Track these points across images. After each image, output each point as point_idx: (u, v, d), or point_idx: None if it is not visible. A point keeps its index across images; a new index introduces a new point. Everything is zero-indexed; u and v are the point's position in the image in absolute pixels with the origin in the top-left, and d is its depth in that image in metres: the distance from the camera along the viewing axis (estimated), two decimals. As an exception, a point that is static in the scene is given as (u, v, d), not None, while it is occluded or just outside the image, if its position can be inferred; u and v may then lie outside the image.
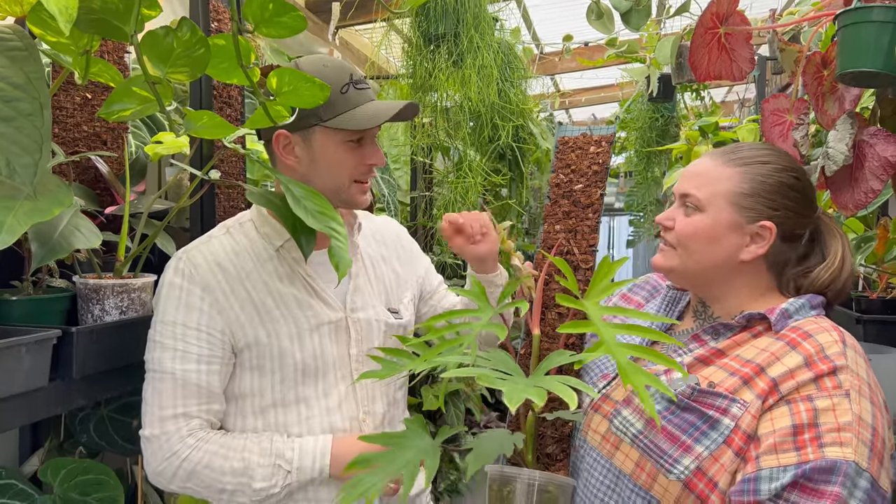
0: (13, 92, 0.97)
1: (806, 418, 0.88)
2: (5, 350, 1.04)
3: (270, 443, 1.19)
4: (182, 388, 1.16)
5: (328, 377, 1.25)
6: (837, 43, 1.28)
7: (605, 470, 1.04)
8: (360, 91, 1.22)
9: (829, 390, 0.89)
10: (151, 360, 1.18)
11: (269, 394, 1.22)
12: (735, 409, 0.93)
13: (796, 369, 0.92)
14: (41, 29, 1.03)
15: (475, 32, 2.15)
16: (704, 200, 1.05)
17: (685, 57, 2.90)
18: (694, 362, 1.01)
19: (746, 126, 2.62)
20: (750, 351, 0.98)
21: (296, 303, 1.23)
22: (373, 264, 1.38)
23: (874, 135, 1.33)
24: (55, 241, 1.05)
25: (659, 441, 0.96)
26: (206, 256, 1.21)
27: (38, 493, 1.44)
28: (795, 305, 1.01)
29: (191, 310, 1.17)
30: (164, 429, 1.16)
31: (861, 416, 0.87)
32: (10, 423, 1.10)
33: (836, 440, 0.86)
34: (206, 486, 1.17)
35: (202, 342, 1.18)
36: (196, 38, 1.01)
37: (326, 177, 1.22)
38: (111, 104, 1.05)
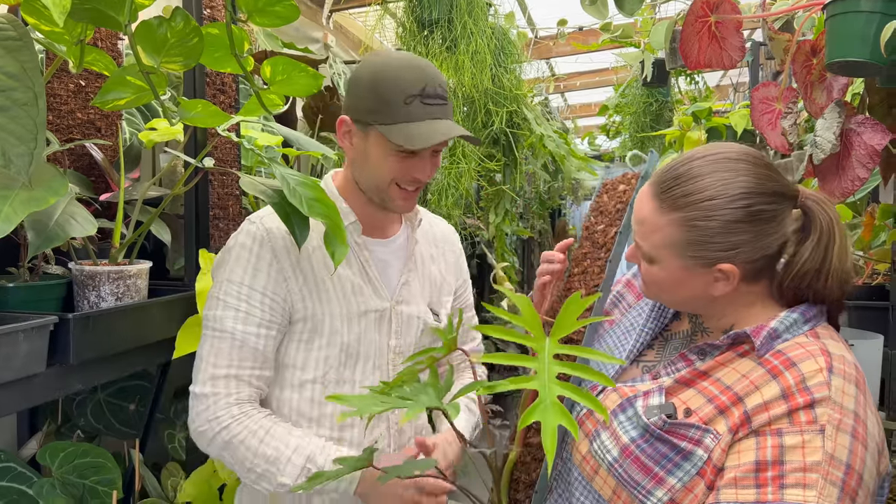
0: (8, 82, 0.97)
1: (771, 455, 0.83)
2: (3, 336, 1.05)
3: (308, 442, 1.19)
4: (239, 350, 1.18)
5: (368, 363, 1.27)
6: (826, 32, 1.29)
7: (587, 492, 1.01)
8: (426, 106, 1.17)
9: (802, 426, 0.84)
10: (213, 317, 1.19)
11: (312, 369, 1.24)
12: (708, 440, 0.89)
13: (772, 401, 0.86)
14: (35, 18, 1.04)
15: (468, 18, 2.15)
16: (652, 253, 0.97)
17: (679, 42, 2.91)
18: (674, 385, 0.95)
19: (739, 112, 2.63)
20: (731, 375, 0.92)
21: (350, 286, 1.25)
22: (423, 262, 1.39)
23: (861, 123, 1.34)
24: (51, 230, 1.06)
25: (633, 472, 0.92)
26: (279, 225, 1.23)
27: (36, 476, 1.46)
28: (786, 323, 0.92)
29: (258, 273, 1.19)
30: (214, 388, 1.17)
31: (834, 455, 0.81)
32: (8, 408, 1.11)
33: (800, 481, 0.81)
34: (237, 460, 1.18)
35: (265, 307, 1.20)
36: (189, 27, 1.01)
37: (371, 173, 1.23)
38: (106, 93, 1.06)
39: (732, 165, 0.94)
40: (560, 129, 3.82)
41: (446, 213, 2.86)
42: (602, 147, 6.08)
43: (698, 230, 0.92)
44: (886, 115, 1.46)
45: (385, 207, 1.27)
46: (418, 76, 1.18)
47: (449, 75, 2.26)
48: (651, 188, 0.98)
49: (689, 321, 1.08)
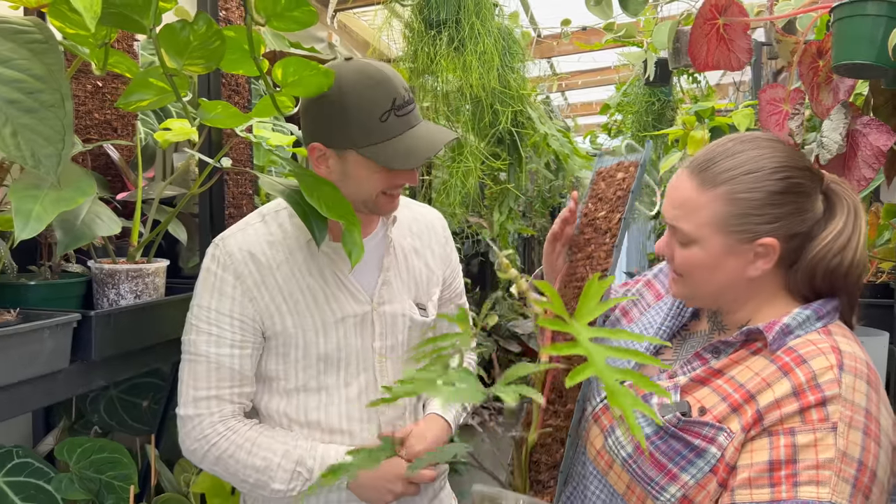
0: (35, 84, 1.00)
1: (784, 454, 0.85)
2: (29, 333, 1.07)
3: (295, 447, 1.23)
4: (216, 371, 1.21)
5: (350, 368, 1.28)
6: (832, 35, 1.31)
7: (601, 485, 1.03)
8: (400, 118, 1.18)
9: (815, 423, 0.85)
10: (188, 341, 1.23)
11: (293, 379, 1.26)
12: (721, 438, 0.90)
13: (783, 399, 0.88)
14: (60, 22, 1.06)
15: (476, 18, 2.17)
16: (693, 233, 0.97)
17: (682, 42, 2.93)
18: (689, 383, 0.97)
19: (742, 111, 2.65)
20: (745, 373, 0.94)
21: (322, 295, 1.26)
22: (405, 257, 1.39)
23: (867, 124, 1.37)
24: (78, 229, 1.08)
25: (647, 468, 0.94)
26: (240, 245, 1.24)
27: (53, 472, 1.48)
28: (798, 319, 0.94)
29: (223, 297, 1.22)
30: (197, 410, 1.21)
31: (846, 452, 0.83)
32: (34, 403, 1.14)
33: (814, 479, 0.82)
34: (230, 473, 1.22)
35: (235, 328, 1.22)
36: (212, 31, 1.03)
37: (356, 190, 1.22)
38: (129, 95, 1.08)
39: (766, 143, 0.99)
40: (562, 128, 3.85)
41: (451, 212, 2.88)
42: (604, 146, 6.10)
43: (742, 203, 0.94)
44: (891, 116, 1.48)
45: (372, 213, 1.29)
46: (386, 90, 1.16)
47: (456, 75, 2.29)
48: (688, 171, 1.00)
49: (707, 321, 1.10)
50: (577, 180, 6.97)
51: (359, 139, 1.16)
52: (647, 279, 1.29)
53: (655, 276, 1.28)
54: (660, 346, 1.10)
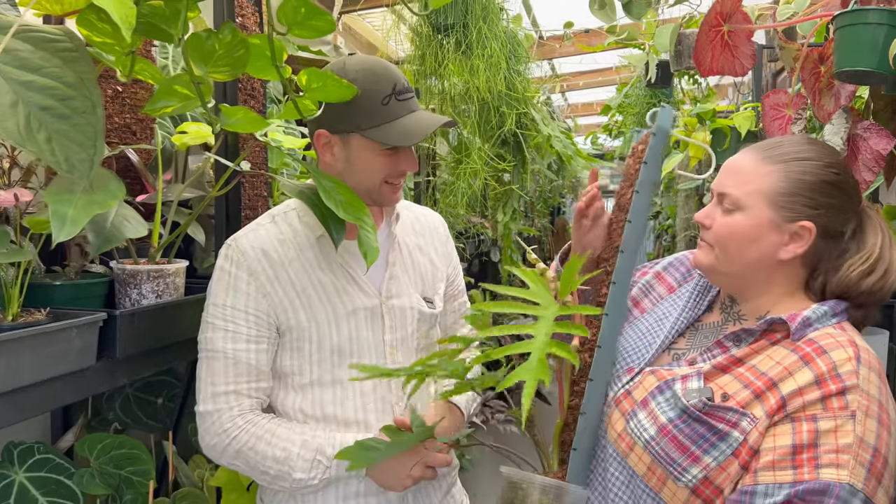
0: (68, 91, 1.03)
1: (807, 439, 0.90)
2: (59, 332, 1.11)
3: (313, 437, 1.26)
4: (233, 367, 1.25)
5: (363, 361, 1.32)
6: (834, 42, 1.35)
7: (621, 467, 1.06)
8: (401, 102, 1.26)
9: (835, 411, 0.90)
10: (204, 339, 1.27)
11: (308, 373, 1.30)
12: (745, 423, 0.95)
13: (806, 387, 0.93)
14: (89, 30, 1.09)
15: (483, 23, 2.21)
16: (743, 199, 1.04)
17: (684, 44, 2.97)
18: (712, 370, 1.02)
19: (743, 113, 2.69)
20: (766, 362, 0.99)
21: (333, 289, 1.31)
22: (410, 254, 1.44)
23: (867, 129, 1.41)
24: (109, 231, 1.12)
25: (669, 450, 0.98)
26: (252, 244, 1.29)
27: (73, 467, 1.52)
28: (818, 313, 1.00)
29: (238, 293, 1.26)
30: (216, 405, 1.25)
31: (863, 438, 0.89)
32: (63, 399, 1.17)
33: (834, 462, 0.88)
34: (251, 466, 1.26)
35: (250, 323, 1.26)
36: (237, 40, 1.07)
37: (360, 177, 1.29)
38: (155, 101, 1.12)
39: (828, 146, 1.11)
40: (564, 129, 3.89)
41: (455, 213, 2.92)
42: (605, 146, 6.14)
43: (795, 182, 1.03)
44: (890, 121, 1.52)
45: (377, 204, 1.35)
46: (387, 77, 1.26)
47: (463, 79, 2.33)
48: (753, 149, 1.09)
49: (720, 312, 1.15)
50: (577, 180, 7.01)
51: (362, 122, 1.24)
52: (657, 271, 1.33)
53: (665, 269, 1.33)
54: (676, 336, 1.15)
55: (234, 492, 1.49)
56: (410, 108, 1.28)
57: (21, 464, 1.48)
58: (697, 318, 1.18)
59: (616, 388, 1.12)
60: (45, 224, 1.08)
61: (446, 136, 2.89)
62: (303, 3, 1.07)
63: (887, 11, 1.26)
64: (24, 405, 1.09)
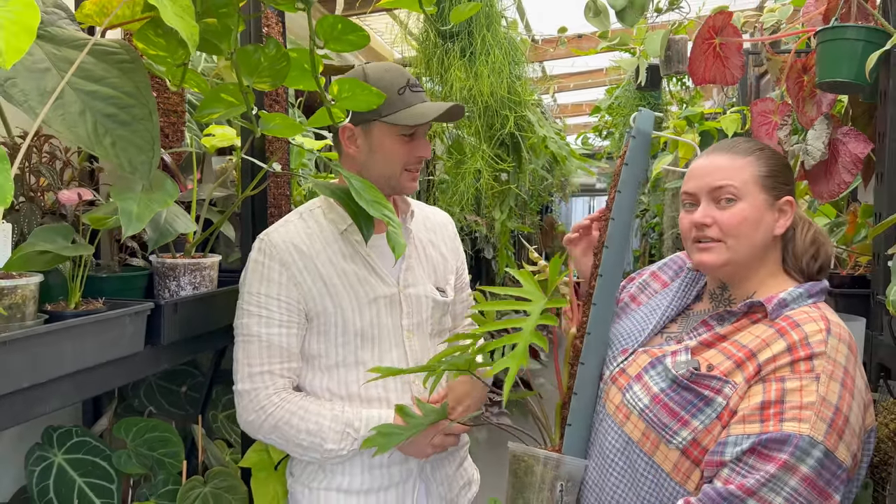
0: (127, 100, 1.14)
1: (774, 396, 1.02)
2: (115, 319, 1.21)
3: (342, 412, 1.39)
4: (267, 349, 1.38)
5: (383, 344, 1.45)
6: (816, 55, 1.48)
7: (617, 436, 1.18)
8: (414, 93, 1.42)
9: (802, 373, 1.02)
10: (240, 325, 1.40)
11: (333, 355, 1.43)
12: (727, 389, 1.07)
13: (779, 354, 1.05)
14: (145, 44, 1.19)
15: (487, 31, 2.32)
16: (741, 188, 1.15)
17: (673, 50, 3.10)
18: (699, 345, 1.14)
19: (730, 116, 2.83)
20: (746, 337, 1.11)
21: (356, 279, 1.44)
22: (423, 248, 1.58)
23: (846, 134, 1.54)
24: (163, 227, 1.23)
25: (661, 416, 1.11)
26: (283, 237, 1.42)
27: (109, 450, 1.62)
28: (793, 295, 1.12)
29: (271, 283, 1.39)
30: (253, 384, 1.38)
31: (826, 398, 1.00)
32: (116, 382, 1.28)
33: (797, 416, 0.99)
34: (286, 439, 1.39)
35: (282, 309, 1.39)
36: (280, 53, 1.18)
37: (381, 165, 1.43)
38: (204, 108, 1.23)
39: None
40: (558, 131, 4.01)
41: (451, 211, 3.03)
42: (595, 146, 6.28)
43: (770, 165, 1.18)
44: (867, 126, 1.66)
45: (396, 192, 1.47)
46: (400, 73, 1.43)
47: (469, 84, 2.44)
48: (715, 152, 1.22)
49: (710, 300, 1.27)
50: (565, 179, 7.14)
51: (382, 109, 1.38)
52: (653, 271, 1.47)
53: (660, 269, 1.46)
54: (668, 321, 1.29)
55: (263, 471, 1.60)
56: (422, 98, 1.44)
57: (60, 446, 1.58)
58: (687, 306, 1.31)
59: (612, 367, 1.25)
60: (104, 220, 1.18)
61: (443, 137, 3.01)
62: (339, 20, 1.18)
63: (865, 28, 1.39)
64: (84, 386, 1.19)
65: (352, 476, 1.44)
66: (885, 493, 1.24)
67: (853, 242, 1.71)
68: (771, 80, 3.10)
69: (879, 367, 1.48)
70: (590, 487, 1.21)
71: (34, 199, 1.27)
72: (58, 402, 1.14)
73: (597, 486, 1.20)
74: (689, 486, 1.09)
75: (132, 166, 1.09)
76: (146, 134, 1.13)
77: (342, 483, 1.44)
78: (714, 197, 1.18)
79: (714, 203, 1.18)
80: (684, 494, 1.09)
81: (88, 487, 1.56)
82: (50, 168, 1.28)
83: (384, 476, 1.45)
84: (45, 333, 1.07)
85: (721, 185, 1.17)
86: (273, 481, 1.62)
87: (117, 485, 1.58)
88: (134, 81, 1.16)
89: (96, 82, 1.13)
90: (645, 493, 1.13)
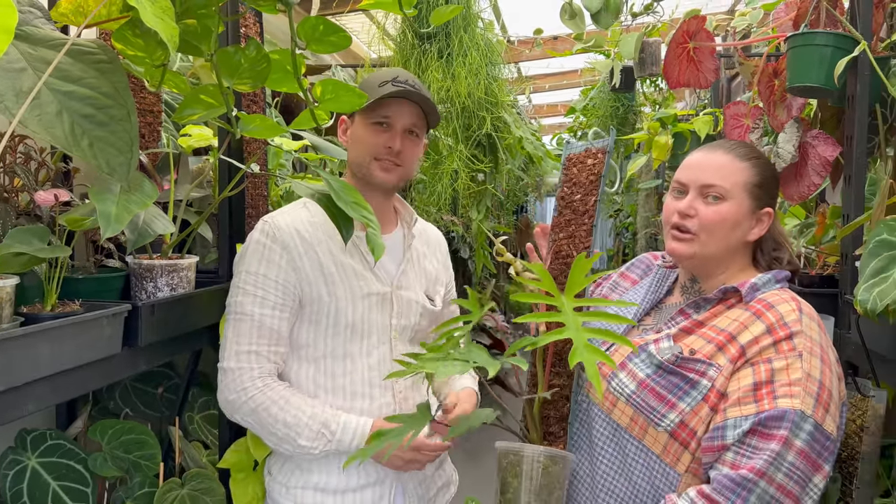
0: (105, 100, 1.13)
1: (764, 377, 1.09)
2: (92, 321, 1.20)
3: (322, 411, 1.40)
4: (258, 329, 1.40)
5: (371, 339, 1.48)
6: (787, 60, 1.52)
7: (605, 423, 1.22)
8: (396, 87, 1.43)
9: (786, 353, 1.10)
10: (235, 303, 1.42)
11: (322, 346, 1.45)
12: (711, 371, 1.13)
13: (760, 336, 1.12)
14: (123, 45, 1.18)
15: (464, 33, 2.33)
16: (729, 190, 1.20)
17: (647, 52, 3.14)
18: (679, 333, 1.20)
19: (702, 118, 2.87)
20: (724, 321, 1.18)
21: (353, 273, 1.46)
22: (419, 258, 1.61)
23: (816, 137, 1.58)
24: (142, 228, 1.22)
25: (649, 400, 1.16)
26: (287, 222, 1.46)
27: (84, 452, 1.60)
28: (763, 280, 1.20)
29: (271, 264, 1.41)
30: (239, 363, 1.39)
31: (810, 373, 1.08)
32: (93, 384, 1.27)
33: (787, 393, 1.06)
34: (261, 426, 1.39)
35: (278, 291, 1.41)
36: (261, 55, 1.18)
37: (354, 153, 1.49)
38: (183, 109, 1.22)
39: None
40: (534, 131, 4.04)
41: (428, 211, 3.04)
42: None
43: (763, 175, 1.23)
44: (835, 129, 1.70)
45: (370, 183, 1.49)
46: (393, 71, 1.47)
47: (447, 85, 2.45)
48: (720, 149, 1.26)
49: (681, 294, 1.32)
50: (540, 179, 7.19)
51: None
52: (622, 272, 1.52)
53: (628, 269, 1.51)
54: (643, 315, 1.33)
55: (242, 471, 1.60)
56: (405, 93, 1.44)
57: (34, 450, 1.56)
58: (660, 300, 1.35)
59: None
60: (81, 222, 1.17)
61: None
62: (321, 20, 1.19)
63: (833, 35, 1.43)
64: (61, 389, 1.18)
65: (328, 475, 1.45)
66: (852, 488, 1.28)
67: (822, 243, 1.75)
68: (742, 83, 3.15)
69: (847, 364, 1.52)
70: (580, 478, 1.24)
71: (9, 199, 1.26)
72: (34, 405, 1.13)
73: (588, 475, 1.23)
74: (679, 467, 1.14)
75: (110, 167, 1.08)
76: (124, 135, 1.12)
77: (319, 482, 1.45)
78: (703, 192, 1.22)
79: (701, 197, 1.22)
80: (675, 476, 1.13)
81: (63, 491, 1.55)
82: (25, 169, 1.27)
83: (361, 475, 1.46)
84: (21, 336, 1.05)
85: (713, 183, 1.21)
86: (252, 482, 1.61)
87: (92, 488, 1.57)
88: (112, 82, 1.15)
89: (73, 82, 1.12)
90: (637, 477, 1.17)
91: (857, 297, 1.22)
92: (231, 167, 1.63)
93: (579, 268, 1.07)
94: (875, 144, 1.54)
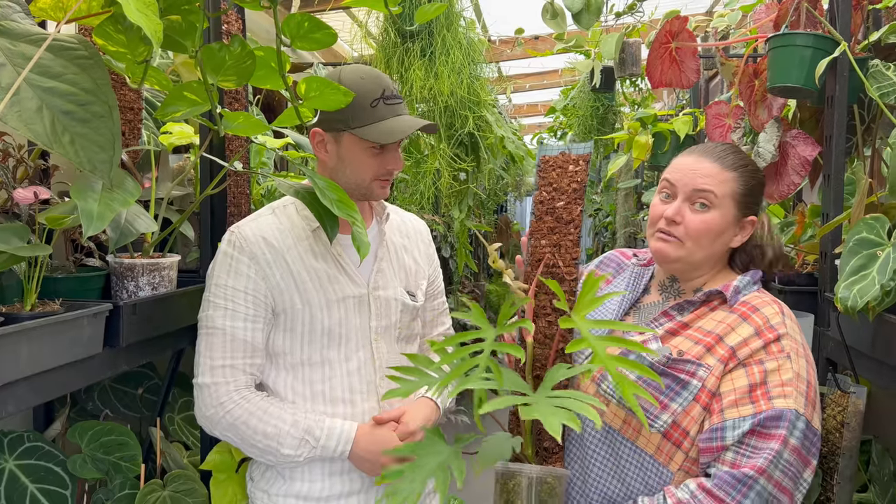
0: (86, 97, 1.11)
1: (758, 378, 1.12)
2: (73, 321, 1.19)
3: (304, 417, 1.37)
4: (231, 343, 1.36)
5: (350, 343, 1.44)
6: (768, 60, 1.54)
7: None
8: (388, 106, 1.39)
9: (776, 354, 1.13)
10: (205, 317, 1.38)
11: (299, 353, 1.42)
12: (701, 371, 1.15)
13: (749, 338, 1.15)
14: (104, 40, 1.17)
15: (447, 32, 2.33)
16: (719, 199, 1.21)
17: (627, 52, 3.16)
18: (665, 334, 1.22)
19: (682, 118, 2.89)
20: (709, 323, 1.20)
21: (326, 277, 1.42)
22: (396, 252, 1.57)
23: (795, 137, 1.60)
24: (124, 227, 1.20)
25: (642, 402, 1.16)
26: (254, 231, 1.41)
27: (62, 455, 1.58)
28: (744, 282, 1.23)
29: (239, 275, 1.37)
30: (214, 378, 1.35)
31: (799, 373, 1.12)
32: (74, 384, 1.25)
33: (781, 393, 1.10)
34: (241, 439, 1.36)
35: (248, 303, 1.37)
36: (245, 52, 1.17)
37: (350, 174, 1.41)
38: (166, 107, 1.21)
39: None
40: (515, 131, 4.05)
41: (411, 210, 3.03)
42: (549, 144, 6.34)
43: (750, 185, 1.24)
44: (814, 129, 1.72)
45: (367, 199, 1.47)
46: (377, 83, 1.39)
47: (430, 84, 2.45)
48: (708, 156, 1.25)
49: (659, 293, 1.33)
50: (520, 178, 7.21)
51: (352, 121, 1.37)
52: (591, 270, 1.49)
53: (598, 267, 1.50)
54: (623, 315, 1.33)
55: (223, 472, 1.58)
56: (397, 111, 1.41)
57: (11, 452, 1.53)
58: (638, 299, 1.36)
59: (580, 359, 1.29)
60: (62, 220, 1.15)
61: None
62: (306, 17, 1.18)
63: (813, 36, 1.45)
64: (41, 389, 1.16)
65: (311, 483, 1.43)
66: (832, 483, 1.29)
67: (801, 241, 1.77)
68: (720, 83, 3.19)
69: (827, 361, 1.54)
70: (571, 482, 1.24)
71: (-14, 197, 1.23)
72: (13, 406, 1.11)
73: (579, 479, 1.23)
74: (672, 466, 1.15)
75: (92, 165, 1.07)
76: (106, 132, 1.10)
77: (301, 489, 1.43)
78: (691, 198, 1.23)
79: (689, 203, 1.23)
80: (668, 475, 1.15)
81: (42, 494, 1.52)
82: (3, 166, 1.25)
83: (345, 483, 1.44)
84: (0, 336, 1.04)
85: (701, 190, 1.22)
86: (233, 483, 1.60)
87: (72, 490, 1.54)
88: (93, 78, 1.13)
89: (54, 78, 1.10)
90: (630, 478, 1.17)
91: (838, 294, 1.24)
92: (213, 165, 1.61)
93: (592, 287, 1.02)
94: (853, 144, 1.57)
